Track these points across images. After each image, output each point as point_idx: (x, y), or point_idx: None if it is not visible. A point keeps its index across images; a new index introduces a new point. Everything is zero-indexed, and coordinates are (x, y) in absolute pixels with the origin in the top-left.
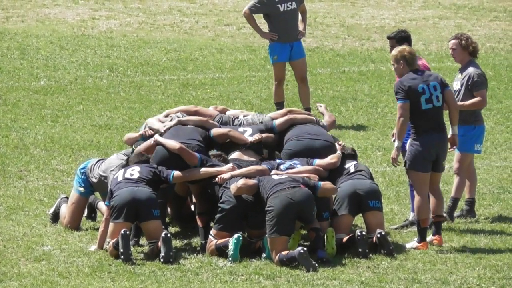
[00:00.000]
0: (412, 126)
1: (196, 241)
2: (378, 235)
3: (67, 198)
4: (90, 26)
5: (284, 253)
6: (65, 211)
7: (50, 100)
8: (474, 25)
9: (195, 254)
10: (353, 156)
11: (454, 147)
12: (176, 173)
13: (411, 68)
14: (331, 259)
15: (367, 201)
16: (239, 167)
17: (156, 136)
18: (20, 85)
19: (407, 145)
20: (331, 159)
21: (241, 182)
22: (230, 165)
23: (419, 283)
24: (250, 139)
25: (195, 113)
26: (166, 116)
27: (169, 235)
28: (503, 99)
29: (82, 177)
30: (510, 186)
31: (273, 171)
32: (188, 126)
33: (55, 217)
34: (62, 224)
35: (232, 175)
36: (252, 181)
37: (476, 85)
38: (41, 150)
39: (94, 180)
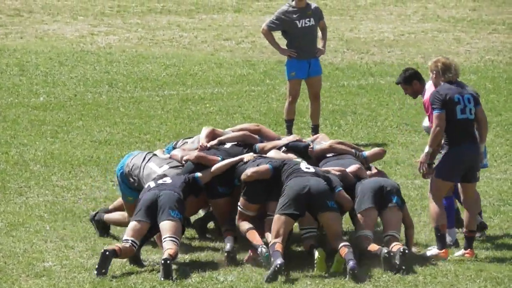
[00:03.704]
0: (446, 136)
1: (197, 255)
2: (401, 252)
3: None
4: (89, 41)
5: (276, 247)
6: (117, 217)
7: (49, 116)
8: (473, 38)
9: (196, 269)
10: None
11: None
12: (199, 174)
13: (446, 79)
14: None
15: (390, 196)
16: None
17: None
18: (20, 101)
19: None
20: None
21: (251, 170)
22: (251, 154)
23: None
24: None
25: (258, 131)
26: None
27: (169, 261)
28: (502, 111)
29: (124, 182)
30: (510, 198)
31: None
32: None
33: (104, 228)
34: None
35: (265, 148)
36: (263, 167)
37: None
38: (41, 166)
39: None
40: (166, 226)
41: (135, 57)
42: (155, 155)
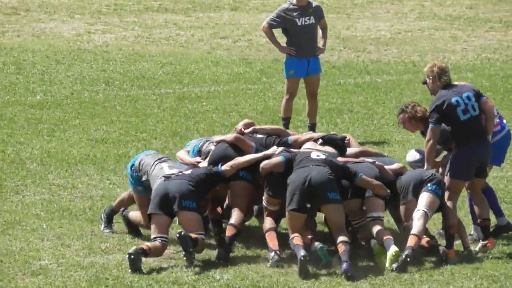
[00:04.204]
0: (454, 138)
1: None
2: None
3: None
4: (86, 40)
5: (295, 241)
6: (137, 215)
7: (46, 114)
8: (469, 36)
9: (192, 267)
10: None
11: None
12: (223, 166)
13: (442, 83)
14: (353, 273)
15: (427, 184)
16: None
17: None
18: (16, 99)
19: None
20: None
21: (263, 162)
22: (274, 147)
23: None
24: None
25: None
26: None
27: (183, 233)
28: (499, 109)
29: (134, 175)
30: (507, 196)
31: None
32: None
33: (132, 227)
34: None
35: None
36: (275, 159)
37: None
38: (38, 165)
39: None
40: (181, 219)
41: (132, 56)
42: (170, 159)
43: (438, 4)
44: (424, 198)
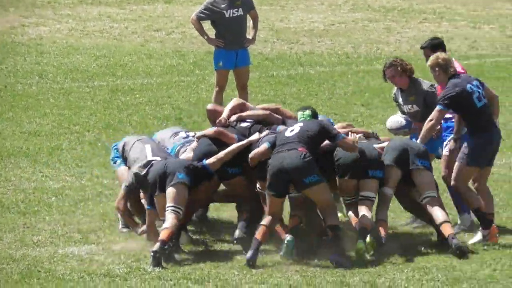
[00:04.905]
0: (469, 126)
1: (128, 245)
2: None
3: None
4: (20, 33)
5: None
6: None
7: None
8: (403, 27)
9: (124, 259)
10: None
11: None
12: (207, 161)
13: (448, 74)
14: (346, 263)
15: (416, 159)
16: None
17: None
18: None
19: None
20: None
21: (251, 153)
22: (257, 133)
23: (347, 286)
24: None
25: (276, 110)
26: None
27: (158, 254)
28: None
29: (116, 153)
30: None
31: None
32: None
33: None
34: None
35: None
36: (262, 148)
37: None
38: None
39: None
40: (169, 194)
41: (66, 48)
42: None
43: None
44: (425, 177)
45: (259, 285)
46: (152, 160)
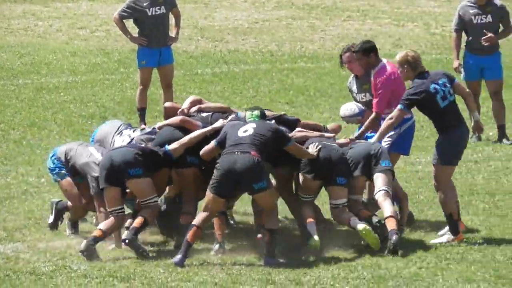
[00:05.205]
0: (436, 126)
1: (54, 244)
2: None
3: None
4: None
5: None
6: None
7: None
8: (327, 25)
9: (49, 257)
10: None
11: (481, 133)
12: (170, 146)
13: (415, 72)
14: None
15: (380, 161)
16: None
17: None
18: None
19: (436, 144)
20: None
21: (201, 153)
22: (221, 120)
23: (273, 284)
24: None
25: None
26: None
27: (127, 240)
28: None
29: (57, 162)
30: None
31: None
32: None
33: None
34: (76, 215)
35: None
36: (209, 146)
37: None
38: None
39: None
40: (134, 189)
41: None
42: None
43: None
44: (381, 177)
45: (185, 283)
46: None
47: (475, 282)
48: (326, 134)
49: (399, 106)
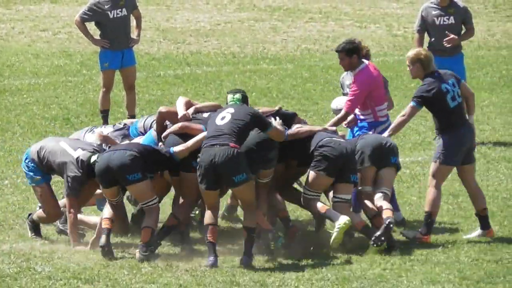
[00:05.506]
0: (441, 125)
1: (14, 245)
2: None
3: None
4: None
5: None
6: (40, 212)
7: None
8: (289, 27)
9: (13, 259)
10: None
11: None
12: (175, 148)
13: (427, 71)
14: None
15: (390, 156)
16: None
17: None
18: None
19: (437, 141)
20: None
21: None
22: None
23: (237, 286)
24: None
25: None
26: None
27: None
28: (319, 100)
29: (31, 165)
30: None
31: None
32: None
33: (37, 230)
34: (48, 220)
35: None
36: (199, 136)
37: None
38: None
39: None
40: (134, 193)
41: None
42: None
43: None
44: (386, 175)
45: (149, 284)
46: (78, 156)
47: (439, 283)
48: (330, 128)
49: (411, 104)
